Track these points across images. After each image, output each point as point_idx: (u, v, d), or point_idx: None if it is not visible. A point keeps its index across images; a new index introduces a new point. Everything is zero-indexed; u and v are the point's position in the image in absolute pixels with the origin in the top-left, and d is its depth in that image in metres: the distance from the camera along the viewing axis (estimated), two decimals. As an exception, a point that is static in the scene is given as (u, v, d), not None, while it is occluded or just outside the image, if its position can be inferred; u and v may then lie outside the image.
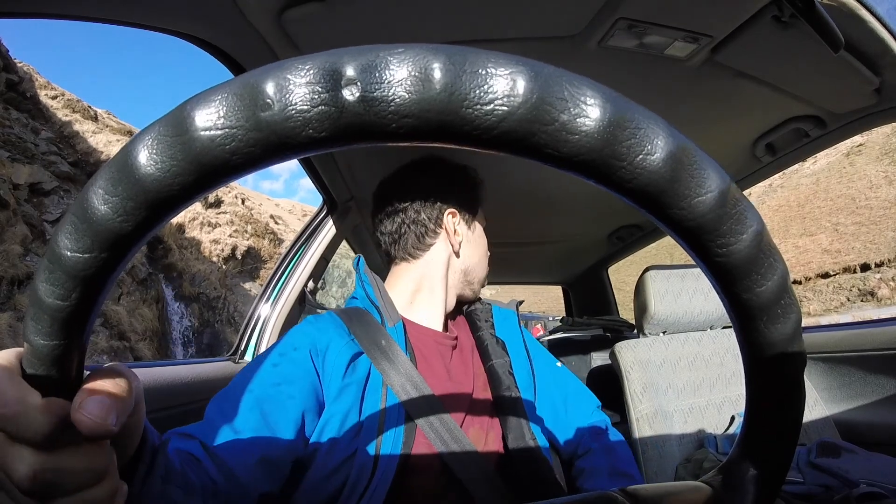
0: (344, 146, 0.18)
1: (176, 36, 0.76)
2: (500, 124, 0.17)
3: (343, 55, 0.17)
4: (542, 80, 0.17)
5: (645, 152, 0.18)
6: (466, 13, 0.81)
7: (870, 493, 0.90)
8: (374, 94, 0.17)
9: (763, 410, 0.26)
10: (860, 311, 17.76)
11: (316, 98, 0.17)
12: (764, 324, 0.22)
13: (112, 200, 0.19)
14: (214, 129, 0.17)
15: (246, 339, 1.41)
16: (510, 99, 0.17)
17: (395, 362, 0.66)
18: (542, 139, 0.18)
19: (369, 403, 0.63)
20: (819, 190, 26.46)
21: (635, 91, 1.03)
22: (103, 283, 0.21)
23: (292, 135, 0.17)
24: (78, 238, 0.19)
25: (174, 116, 0.18)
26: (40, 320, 0.22)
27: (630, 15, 0.81)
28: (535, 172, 1.39)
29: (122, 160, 0.19)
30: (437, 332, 0.79)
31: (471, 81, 0.17)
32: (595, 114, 0.18)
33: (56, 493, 0.25)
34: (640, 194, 0.19)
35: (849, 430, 1.29)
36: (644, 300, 1.37)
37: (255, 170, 0.19)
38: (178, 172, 0.18)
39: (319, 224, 1.54)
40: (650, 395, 1.28)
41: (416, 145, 0.19)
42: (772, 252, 0.21)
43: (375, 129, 0.18)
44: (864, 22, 0.85)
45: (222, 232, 19.11)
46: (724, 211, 0.20)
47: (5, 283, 9.54)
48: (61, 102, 17.20)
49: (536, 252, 2.27)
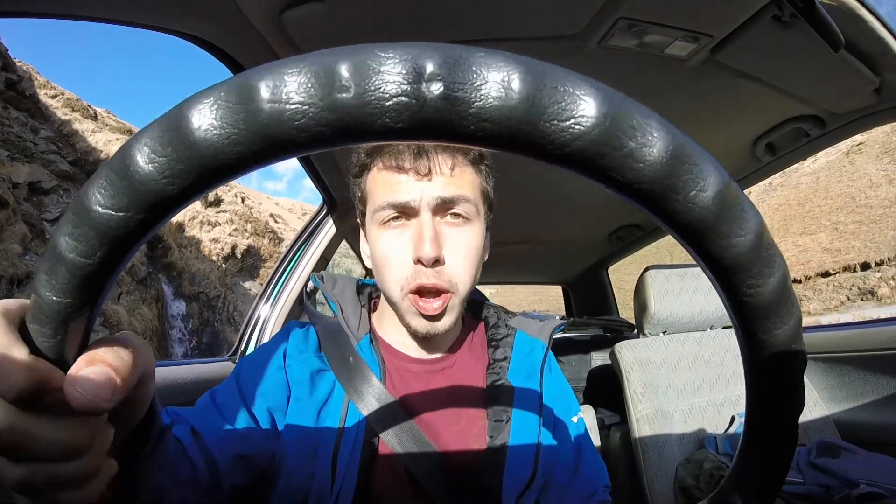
0: (415, 140, 0.19)
1: (176, 36, 0.76)
2: (574, 142, 0.18)
3: (428, 49, 0.17)
4: (615, 105, 0.18)
5: (699, 188, 0.19)
6: (466, 13, 0.81)
7: (870, 493, 0.90)
8: (457, 94, 0.17)
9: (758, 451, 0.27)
10: (860, 309, 17.77)
11: (398, 88, 0.17)
12: (775, 363, 0.24)
13: (159, 161, 0.18)
14: (285, 103, 0.17)
15: (246, 339, 1.41)
16: (587, 119, 0.18)
17: (357, 380, 0.62)
18: (610, 163, 0.18)
19: (328, 421, 0.60)
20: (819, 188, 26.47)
21: (635, 91, 1.03)
22: (131, 246, 0.20)
23: (368, 121, 0.17)
24: (113, 195, 0.19)
25: (239, 84, 0.18)
26: (55, 275, 0.20)
27: (630, 15, 0.81)
28: (535, 172, 1.39)
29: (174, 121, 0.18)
30: (405, 357, 0.67)
31: (551, 97, 0.17)
32: (661, 145, 0.18)
33: (23, 457, 0.24)
34: (687, 228, 0.20)
35: (849, 430, 1.29)
36: (644, 300, 1.37)
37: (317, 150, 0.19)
38: (238, 141, 0.18)
39: (319, 224, 1.54)
40: (650, 396, 1.28)
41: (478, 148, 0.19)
42: (792, 297, 0.22)
43: (452, 128, 0.18)
44: (864, 22, 0.85)
45: (222, 231, 19.06)
46: (757, 253, 0.20)
47: (4, 282, 9.52)
48: (61, 101, 17.19)
49: (536, 252, 2.27)
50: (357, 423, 0.60)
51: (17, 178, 11.48)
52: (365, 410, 0.60)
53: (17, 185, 11.39)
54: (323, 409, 0.61)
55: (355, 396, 0.61)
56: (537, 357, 0.70)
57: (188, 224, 18.10)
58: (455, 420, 0.64)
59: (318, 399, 0.62)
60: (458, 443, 0.63)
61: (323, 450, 0.58)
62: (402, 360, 0.67)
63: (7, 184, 10.87)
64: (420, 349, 0.67)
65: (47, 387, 0.23)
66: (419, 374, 0.66)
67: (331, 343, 0.66)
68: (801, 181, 28.43)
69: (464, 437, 0.63)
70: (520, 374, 0.67)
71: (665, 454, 1.22)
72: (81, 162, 14.44)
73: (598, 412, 1.56)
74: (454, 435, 0.63)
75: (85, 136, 16.05)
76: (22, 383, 0.22)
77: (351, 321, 0.68)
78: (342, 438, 0.59)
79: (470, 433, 0.63)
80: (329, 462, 0.57)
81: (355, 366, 0.63)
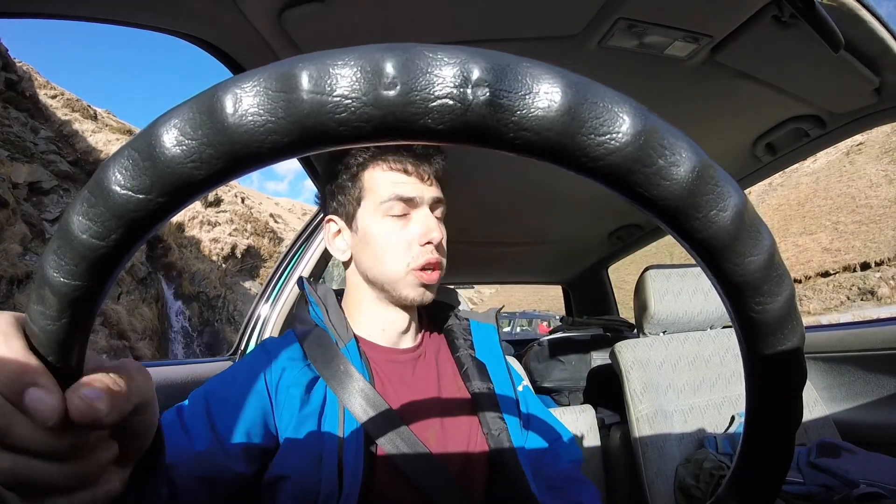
0: (454, 143, 0.19)
1: (176, 36, 0.76)
2: (609, 157, 0.18)
3: (476, 55, 0.17)
4: (650, 123, 0.18)
5: (719, 208, 0.20)
6: (466, 13, 0.81)
7: (870, 493, 0.90)
8: (502, 101, 0.17)
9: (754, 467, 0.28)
10: (860, 309, 17.75)
11: (443, 90, 0.17)
12: (776, 377, 0.24)
13: (188, 143, 0.18)
14: (328, 95, 0.17)
15: (246, 338, 1.41)
16: (622, 136, 0.18)
17: (350, 385, 0.64)
18: (639, 179, 0.19)
19: (328, 429, 0.62)
20: (819, 189, 26.48)
21: (635, 91, 1.03)
22: (148, 230, 0.20)
23: (410, 120, 0.17)
24: (135, 175, 0.18)
25: (280, 73, 0.17)
26: (65, 255, 0.20)
27: (630, 15, 0.81)
28: (535, 172, 1.39)
29: (207, 104, 0.18)
30: (388, 349, 0.72)
31: (591, 111, 0.18)
32: (687, 165, 0.19)
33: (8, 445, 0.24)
34: (704, 246, 0.20)
35: (849, 430, 1.29)
36: (644, 300, 1.37)
37: (357, 145, 0.19)
38: (274, 130, 0.17)
39: (319, 224, 1.54)
40: (650, 395, 1.28)
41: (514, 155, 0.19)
42: (797, 316, 0.23)
43: (493, 134, 0.18)
44: (864, 22, 0.85)
45: (222, 231, 19.00)
46: (768, 272, 0.21)
47: (4, 283, 9.51)
48: (61, 102, 17.16)
49: (536, 252, 2.27)
50: (355, 427, 0.62)
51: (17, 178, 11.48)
52: (359, 413, 0.62)
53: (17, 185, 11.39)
54: (322, 417, 0.63)
55: (348, 401, 0.63)
56: (493, 337, 0.80)
57: (188, 224, 18.08)
58: (444, 403, 0.70)
59: (315, 407, 0.63)
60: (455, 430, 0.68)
61: (328, 456, 0.59)
62: (387, 354, 0.72)
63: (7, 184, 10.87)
64: (397, 339, 0.74)
65: (30, 379, 0.23)
66: (405, 362, 0.72)
67: (316, 350, 0.67)
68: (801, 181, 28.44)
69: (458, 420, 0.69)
70: (485, 352, 0.77)
71: (665, 454, 1.22)
72: (81, 162, 14.41)
73: (598, 412, 1.56)
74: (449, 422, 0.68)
75: (85, 136, 16.03)
76: (8, 368, 0.23)
77: (338, 326, 0.70)
78: (344, 443, 0.60)
79: (463, 414, 0.70)
80: (335, 467, 0.58)
81: (343, 369, 0.65)
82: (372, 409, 0.62)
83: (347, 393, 0.63)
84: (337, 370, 0.65)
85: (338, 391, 0.63)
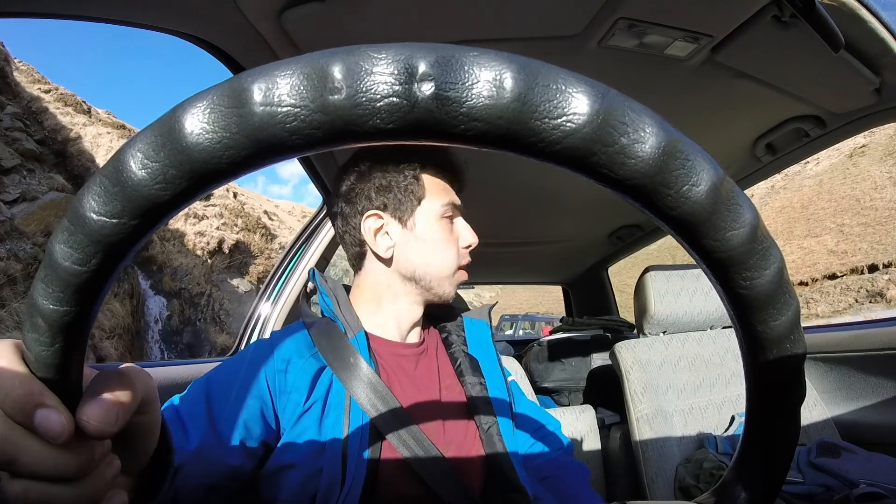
0: (406, 141, 0.18)
1: (176, 36, 0.77)
2: (565, 140, 0.18)
3: (419, 50, 0.17)
4: (608, 102, 0.18)
5: (692, 183, 0.19)
6: (466, 13, 0.81)
7: (870, 493, 0.90)
8: (449, 94, 0.17)
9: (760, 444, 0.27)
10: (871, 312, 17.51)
11: (388, 89, 0.17)
12: (774, 355, 0.24)
13: (152, 166, 0.18)
14: (277, 106, 0.17)
15: (246, 338, 1.42)
16: (577, 117, 0.18)
17: (357, 374, 0.64)
18: (601, 159, 0.18)
19: (332, 417, 0.62)
20: (822, 191, 26.38)
21: (635, 91, 1.03)
22: (127, 252, 0.20)
23: (358, 122, 0.17)
24: (107, 201, 0.19)
25: (232, 88, 0.17)
26: (51, 283, 0.21)
27: (630, 15, 0.82)
28: (535, 172, 1.40)
29: (167, 126, 0.18)
30: (395, 343, 0.74)
31: (542, 95, 0.17)
32: (652, 141, 0.18)
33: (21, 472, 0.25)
34: (680, 223, 0.20)
35: (849, 430, 1.29)
36: (644, 300, 1.37)
37: (310, 152, 0.19)
38: (231, 146, 0.18)
39: (319, 224, 1.54)
40: (650, 396, 1.28)
41: (472, 148, 0.19)
42: (789, 289, 0.22)
43: (443, 128, 0.18)
44: (864, 22, 0.85)
45: (209, 224, 17.63)
46: (753, 246, 0.21)
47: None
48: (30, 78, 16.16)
49: (536, 252, 2.27)
50: (360, 417, 0.62)
51: (-29, 155, 10.45)
52: (364, 403, 0.63)
53: (-29, 163, 10.40)
54: (326, 406, 0.63)
55: (354, 390, 0.63)
56: (486, 334, 0.82)
57: (173, 216, 17.23)
58: (444, 397, 0.72)
59: (319, 396, 0.64)
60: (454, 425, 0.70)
61: (331, 445, 0.60)
62: (393, 347, 0.74)
63: (-42, 161, 9.92)
64: (405, 334, 0.76)
65: (37, 400, 0.24)
66: (410, 357, 0.74)
67: (324, 338, 0.68)
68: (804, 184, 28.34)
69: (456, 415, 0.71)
70: (477, 348, 0.79)
71: (665, 454, 1.22)
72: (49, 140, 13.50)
73: (598, 412, 1.56)
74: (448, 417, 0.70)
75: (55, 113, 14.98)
76: (16, 393, 0.24)
77: (348, 316, 0.71)
78: (349, 433, 0.61)
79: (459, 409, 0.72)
80: (339, 455, 0.59)
81: (351, 358, 0.66)
82: (378, 399, 0.63)
83: (355, 382, 0.64)
84: (345, 359, 0.66)
85: (345, 379, 0.64)
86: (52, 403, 0.24)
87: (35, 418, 0.24)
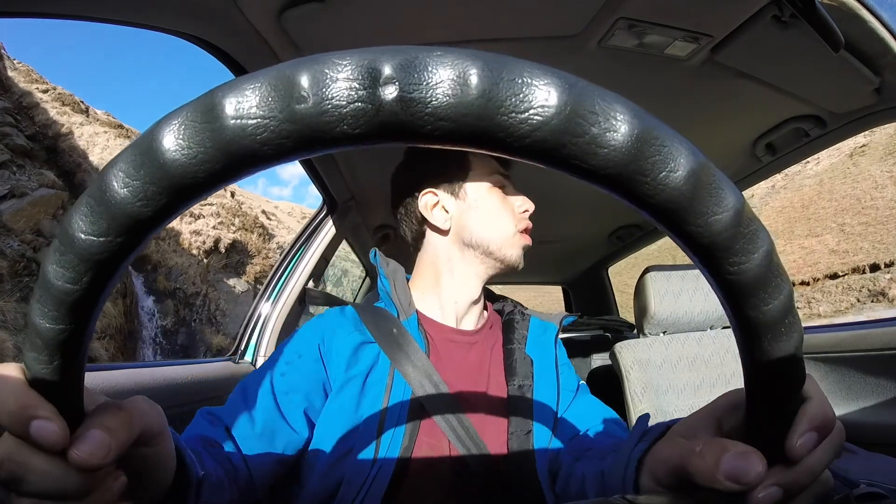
0: (376, 144, 0.19)
1: (176, 36, 0.76)
2: (534, 133, 0.18)
3: (382, 54, 0.17)
4: (575, 92, 0.18)
5: (668, 169, 0.19)
6: (466, 13, 0.81)
7: (870, 493, 0.90)
8: (412, 95, 0.17)
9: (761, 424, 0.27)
10: (873, 311, 17.42)
11: (353, 94, 0.17)
12: (768, 341, 0.23)
13: (133, 184, 0.18)
14: (247, 119, 0.17)
15: (246, 338, 1.42)
16: (545, 109, 0.17)
17: (407, 352, 0.65)
18: (572, 151, 0.18)
19: (372, 392, 0.63)
20: (823, 191, 26.36)
21: (635, 91, 1.03)
22: (116, 269, 0.21)
23: (326, 129, 0.17)
24: (94, 220, 0.19)
25: (203, 103, 0.18)
26: (46, 302, 0.21)
27: (630, 15, 0.82)
28: (535, 172, 1.39)
29: (145, 144, 0.18)
30: (449, 329, 0.74)
31: (508, 89, 0.17)
32: (624, 129, 0.18)
33: (27, 491, 0.25)
34: (660, 210, 0.20)
35: (849, 430, 1.27)
36: (644, 300, 1.37)
37: (283, 162, 0.19)
38: (206, 160, 0.18)
39: (319, 224, 1.54)
40: (650, 396, 1.28)
41: (444, 148, 0.19)
42: (779, 272, 0.22)
43: (410, 129, 0.18)
44: (864, 22, 0.85)
45: (205, 223, 17.39)
46: (738, 230, 0.20)
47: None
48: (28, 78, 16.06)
49: (536, 252, 2.26)
50: (402, 391, 0.63)
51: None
52: (411, 379, 0.64)
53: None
54: (368, 379, 0.64)
55: (401, 365, 0.64)
56: (550, 336, 0.81)
57: (167, 215, 17.07)
58: (487, 390, 0.71)
59: (362, 370, 0.65)
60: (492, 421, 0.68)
61: (368, 420, 0.61)
62: (446, 332, 0.74)
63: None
64: (460, 318, 0.77)
65: (33, 412, 0.24)
66: (461, 343, 0.74)
67: (373, 318, 0.70)
68: (804, 184, 28.32)
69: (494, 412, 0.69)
70: (537, 349, 0.77)
71: (665, 454, 1.22)
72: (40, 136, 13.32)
73: (598, 412, 1.56)
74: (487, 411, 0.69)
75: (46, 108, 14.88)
76: (11, 405, 0.24)
77: (402, 299, 0.73)
78: (388, 407, 0.62)
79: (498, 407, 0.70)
80: (375, 431, 0.60)
81: (400, 337, 0.67)
82: (425, 378, 0.64)
83: (402, 357, 0.65)
84: (394, 337, 0.67)
85: (392, 354, 0.65)
86: (47, 414, 0.24)
87: (31, 429, 0.24)
